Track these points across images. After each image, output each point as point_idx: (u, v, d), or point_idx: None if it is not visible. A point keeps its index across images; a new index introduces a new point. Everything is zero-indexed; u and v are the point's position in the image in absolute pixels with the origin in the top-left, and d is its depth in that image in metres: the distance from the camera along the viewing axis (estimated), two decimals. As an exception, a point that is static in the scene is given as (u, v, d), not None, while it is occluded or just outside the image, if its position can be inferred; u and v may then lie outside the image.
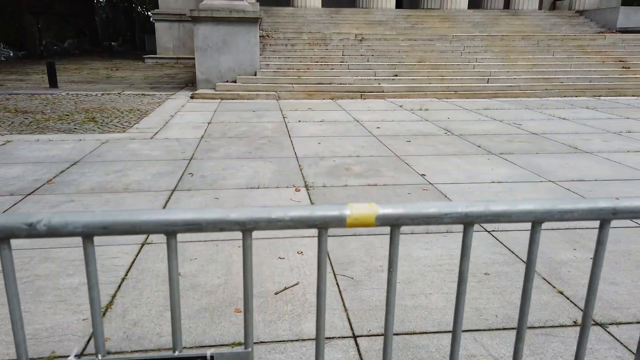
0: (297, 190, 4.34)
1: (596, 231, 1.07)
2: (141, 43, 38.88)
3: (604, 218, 1.00)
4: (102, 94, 10.02)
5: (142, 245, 3.06)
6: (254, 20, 10.47)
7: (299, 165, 5.10)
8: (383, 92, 10.53)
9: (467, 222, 0.97)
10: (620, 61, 11.77)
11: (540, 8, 20.74)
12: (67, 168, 4.84)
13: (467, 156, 5.55)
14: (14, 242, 1.61)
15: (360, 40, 12.66)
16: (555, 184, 4.55)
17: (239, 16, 10.28)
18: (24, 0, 21.91)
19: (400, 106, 9.24)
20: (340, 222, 0.91)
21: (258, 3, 18.30)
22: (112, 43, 30.73)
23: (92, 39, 31.59)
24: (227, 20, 10.29)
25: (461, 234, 1.14)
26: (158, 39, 20.72)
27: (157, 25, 20.54)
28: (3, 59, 20.76)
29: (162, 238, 3.07)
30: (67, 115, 7.61)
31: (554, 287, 2.63)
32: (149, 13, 29.24)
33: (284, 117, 7.94)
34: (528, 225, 3.39)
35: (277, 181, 4.56)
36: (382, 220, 0.93)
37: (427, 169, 5.04)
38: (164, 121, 7.37)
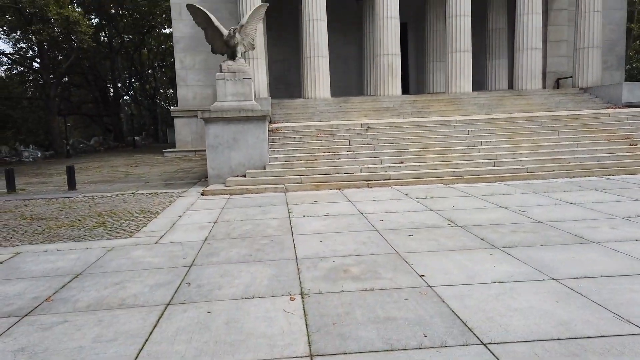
0: (292, 299, 4.29)
1: None
2: (163, 135, 40.92)
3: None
4: (117, 195, 10.39)
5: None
6: (262, 118, 10.99)
7: (298, 269, 5.08)
8: (389, 179, 10.67)
9: None
10: (626, 138, 11.81)
11: (544, 87, 21.31)
12: (68, 282, 4.91)
13: (469, 251, 5.46)
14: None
15: (366, 129, 13.08)
16: (558, 282, 4.40)
17: (248, 115, 10.82)
18: (54, 103, 23.58)
19: (406, 194, 9.30)
20: None
21: (270, 98, 19.35)
22: (135, 138, 32.42)
23: (116, 135, 33.42)
24: (236, 119, 10.84)
25: None
26: (177, 134, 21.79)
27: (176, 121, 21.70)
28: (31, 159, 21.98)
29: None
30: (79, 220, 7.87)
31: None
32: (171, 108, 31.06)
33: (289, 212, 8.04)
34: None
35: (273, 289, 4.52)
36: None
37: (428, 268, 4.96)
38: (171, 222, 7.53)
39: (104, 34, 32.26)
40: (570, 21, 21.47)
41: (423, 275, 4.74)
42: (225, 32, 10.85)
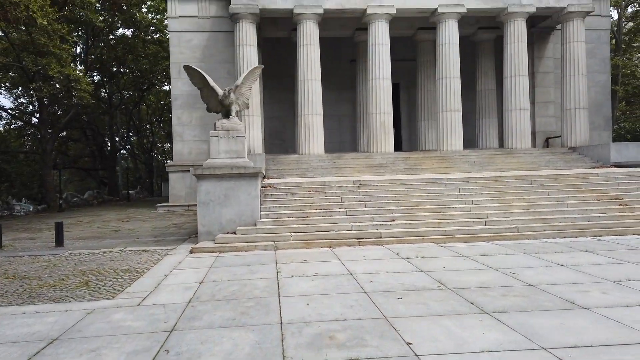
0: (273, 369, 4.13)
1: None
2: (159, 189, 41.02)
3: None
4: (105, 252, 10.24)
5: None
6: (254, 175, 11.06)
7: (282, 335, 4.93)
8: (381, 237, 10.61)
9: None
10: (616, 198, 11.91)
11: (533, 146, 21.74)
12: (42, 348, 4.73)
13: (459, 316, 5.34)
14: None
15: (358, 186, 13.16)
16: (548, 352, 4.27)
17: (240, 172, 10.90)
18: (50, 157, 23.75)
19: (397, 254, 9.21)
20: None
21: (264, 154, 19.59)
22: (130, 191, 32.45)
23: (111, 188, 33.47)
24: (228, 176, 10.91)
25: None
26: (171, 188, 21.83)
27: (171, 175, 21.81)
28: (22, 213, 21.84)
29: None
30: (62, 279, 7.70)
31: None
32: (167, 162, 31.33)
33: (277, 272, 7.91)
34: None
35: (254, 357, 4.37)
36: None
37: (415, 334, 4.82)
38: (156, 282, 7.37)
39: (104, 91, 33.08)
40: (557, 83, 22.24)
41: (410, 343, 4.60)
42: (220, 92, 11.15)
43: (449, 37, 19.83)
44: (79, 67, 27.45)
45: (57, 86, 17.21)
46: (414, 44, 23.03)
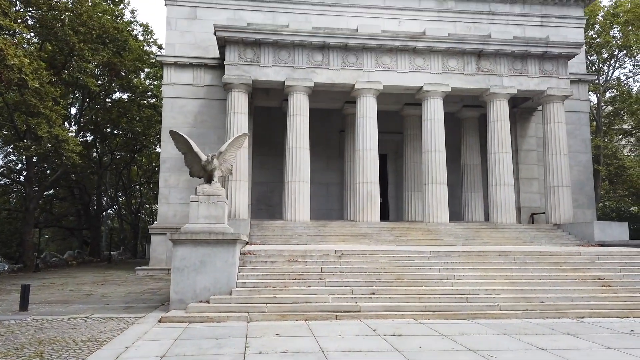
0: None
1: None
2: (142, 250, 40.20)
3: None
4: (69, 318, 9.76)
5: None
6: (232, 242, 10.86)
7: (237, 420, 4.56)
8: (359, 311, 10.25)
9: None
10: (599, 279, 11.76)
11: (519, 221, 21.83)
12: None
13: (428, 405, 5.01)
14: None
15: (340, 256, 12.92)
16: None
17: (218, 238, 10.70)
18: (32, 216, 23.38)
19: (374, 330, 8.85)
20: None
21: (249, 219, 19.45)
22: (112, 253, 31.71)
23: (93, 249, 32.73)
24: (206, 242, 10.69)
25: None
26: (152, 251, 21.38)
27: (153, 238, 21.44)
28: (-4, 272, 21.11)
29: None
30: (16, 349, 7.25)
31: None
32: (153, 224, 30.93)
33: (246, 347, 7.52)
34: None
35: None
36: None
37: None
38: (115, 355, 6.95)
39: (96, 151, 33.32)
40: (540, 161, 22.74)
41: None
42: (203, 157, 11.22)
43: (434, 114, 20.48)
44: (73, 128, 27.83)
45: (48, 145, 17.32)
46: (401, 118, 23.75)
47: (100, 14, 21.64)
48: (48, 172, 26.75)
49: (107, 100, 28.73)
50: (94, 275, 20.45)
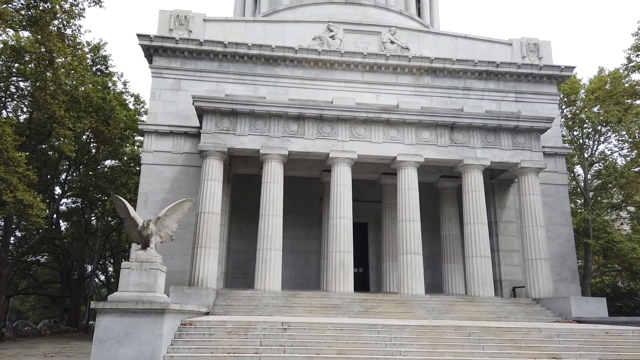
0: None
1: None
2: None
3: None
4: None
5: None
6: (160, 312, 10.46)
7: None
8: (289, 390, 9.61)
9: None
10: (553, 357, 11.00)
11: (501, 295, 20.98)
12: None
13: None
14: None
15: (285, 329, 12.37)
16: None
17: (145, 308, 10.33)
18: (4, 282, 23.04)
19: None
20: None
21: (215, 289, 18.93)
22: (91, 322, 30.80)
23: (72, 317, 31.85)
24: (132, 311, 10.32)
25: None
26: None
27: (121, 306, 20.87)
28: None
29: None
30: None
31: None
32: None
33: None
34: None
35: None
36: None
37: None
38: None
39: (83, 217, 33.53)
40: (519, 233, 22.26)
41: None
42: (140, 222, 11.15)
43: (409, 183, 20.44)
44: (57, 191, 28.25)
45: (11, 211, 17.53)
46: (380, 187, 23.74)
47: (85, 85, 22.66)
48: (28, 237, 26.80)
49: (97, 167, 29.34)
50: (55, 346, 19.72)
